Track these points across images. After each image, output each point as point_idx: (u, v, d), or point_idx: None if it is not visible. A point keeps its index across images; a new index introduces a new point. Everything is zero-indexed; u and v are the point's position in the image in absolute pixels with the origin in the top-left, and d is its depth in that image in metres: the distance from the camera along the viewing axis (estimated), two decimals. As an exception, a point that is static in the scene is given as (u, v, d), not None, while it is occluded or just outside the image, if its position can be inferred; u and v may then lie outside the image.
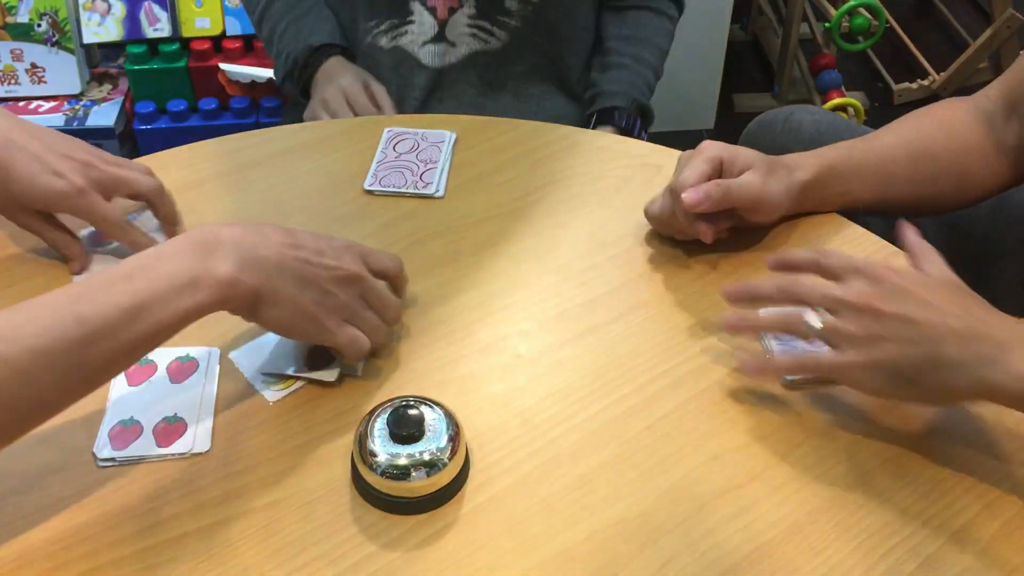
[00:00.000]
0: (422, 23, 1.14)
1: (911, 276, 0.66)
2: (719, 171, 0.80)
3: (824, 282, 0.67)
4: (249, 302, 0.64)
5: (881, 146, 0.86)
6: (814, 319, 0.67)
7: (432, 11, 1.13)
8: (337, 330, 0.68)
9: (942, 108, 0.90)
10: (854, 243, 0.85)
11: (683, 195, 0.76)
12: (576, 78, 1.24)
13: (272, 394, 0.70)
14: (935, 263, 0.69)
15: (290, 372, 0.71)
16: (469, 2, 1.13)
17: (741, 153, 0.81)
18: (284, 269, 0.65)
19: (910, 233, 0.71)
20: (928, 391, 0.64)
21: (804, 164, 0.83)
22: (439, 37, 1.14)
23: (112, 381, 0.70)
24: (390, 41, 1.16)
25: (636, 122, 1.18)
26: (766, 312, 0.71)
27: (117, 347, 0.58)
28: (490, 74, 1.17)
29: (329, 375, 0.71)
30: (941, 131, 0.88)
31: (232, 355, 0.73)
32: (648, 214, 0.84)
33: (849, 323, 0.65)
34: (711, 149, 0.80)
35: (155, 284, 0.60)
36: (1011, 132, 0.87)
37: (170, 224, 0.83)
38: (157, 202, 0.82)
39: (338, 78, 1.15)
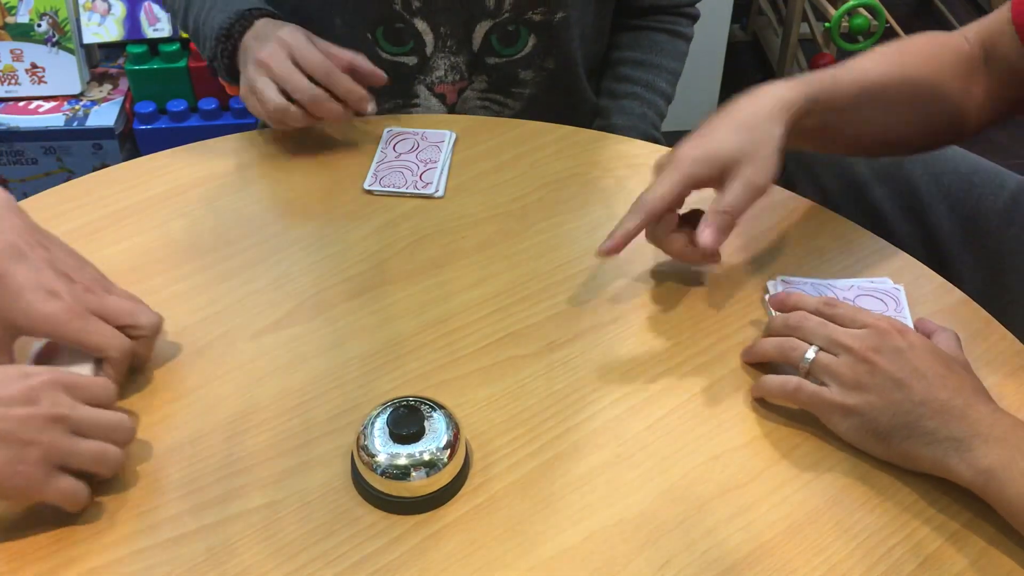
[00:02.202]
0: (429, 108, 1.07)
1: (915, 340, 0.66)
2: (691, 190, 0.76)
3: (830, 324, 0.69)
4: None
5: (863, 81, 0.82)
6: (810, 352, 0.68)
7: (441, 97, 1.07)
8: (45, 486, 0.58)
9: (928, 43, 0.86)
10: (858, 246, 0.85)
11: (701, 240, 0.73)
12: (587, 101, 1.18)
13: None
14: (947, 339, 0.70)
15: None
16: (480, 79, 1.06)
17: (719, 153, 0.76)
18: None
19: (928, 322, 0.73)
20: (894, 453, 0.64)
21: (785, 102, 0.77)
22: (448, 114, 1.08)
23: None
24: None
25: None
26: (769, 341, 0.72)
27: None
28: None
29: None
30: (926, 67, 0.84)
31: None
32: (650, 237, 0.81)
33: (843, 366, 0.66)
34: (684, 163, 0.76)
35: None
36: (981, 81, 0.85)
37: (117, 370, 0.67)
38: (142, 347, 0.69)
39: (273, 32, 0.92)
